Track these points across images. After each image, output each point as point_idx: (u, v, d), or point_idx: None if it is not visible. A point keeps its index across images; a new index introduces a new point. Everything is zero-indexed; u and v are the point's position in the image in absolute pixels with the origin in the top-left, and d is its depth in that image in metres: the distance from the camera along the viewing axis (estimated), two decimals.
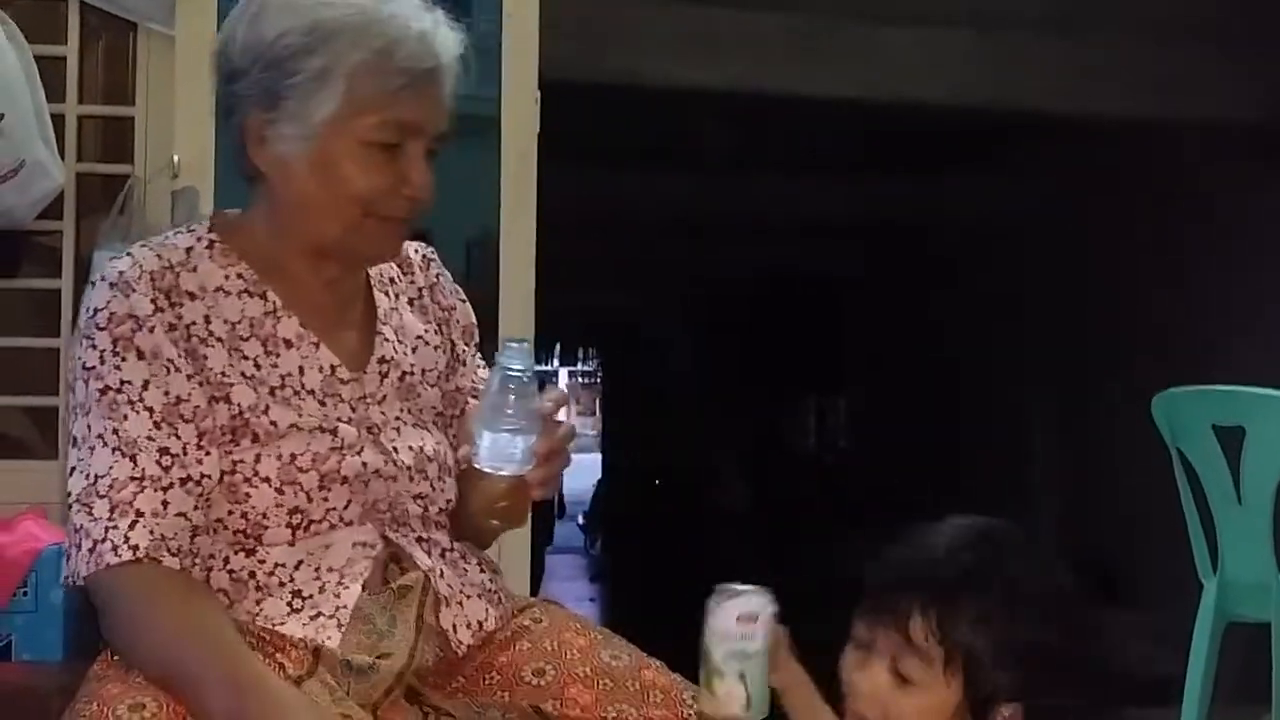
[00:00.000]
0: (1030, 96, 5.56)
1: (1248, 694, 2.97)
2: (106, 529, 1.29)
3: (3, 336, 2.61)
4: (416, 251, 1.58)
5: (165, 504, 1.31)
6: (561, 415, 1.39)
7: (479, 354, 1.62)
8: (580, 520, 12.84)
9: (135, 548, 1.29)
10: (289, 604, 1.35)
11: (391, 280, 1.54)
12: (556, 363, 19.31)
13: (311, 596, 1.35)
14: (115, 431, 1.31)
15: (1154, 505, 3.27)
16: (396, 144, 1.37)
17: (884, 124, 6.37)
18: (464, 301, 1.61)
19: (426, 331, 1.54)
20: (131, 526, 1.29)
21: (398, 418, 1.46)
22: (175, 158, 2.53)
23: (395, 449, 1.44)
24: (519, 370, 1.31)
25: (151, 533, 1.29)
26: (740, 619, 1.29)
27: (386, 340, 1.49)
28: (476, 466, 1.34)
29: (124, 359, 1.33)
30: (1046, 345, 7.79)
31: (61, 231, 2.58)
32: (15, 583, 2.26)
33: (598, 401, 21.51)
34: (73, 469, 1.33)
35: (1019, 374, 8.05)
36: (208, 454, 1.35)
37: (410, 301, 1.55)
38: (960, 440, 8.84)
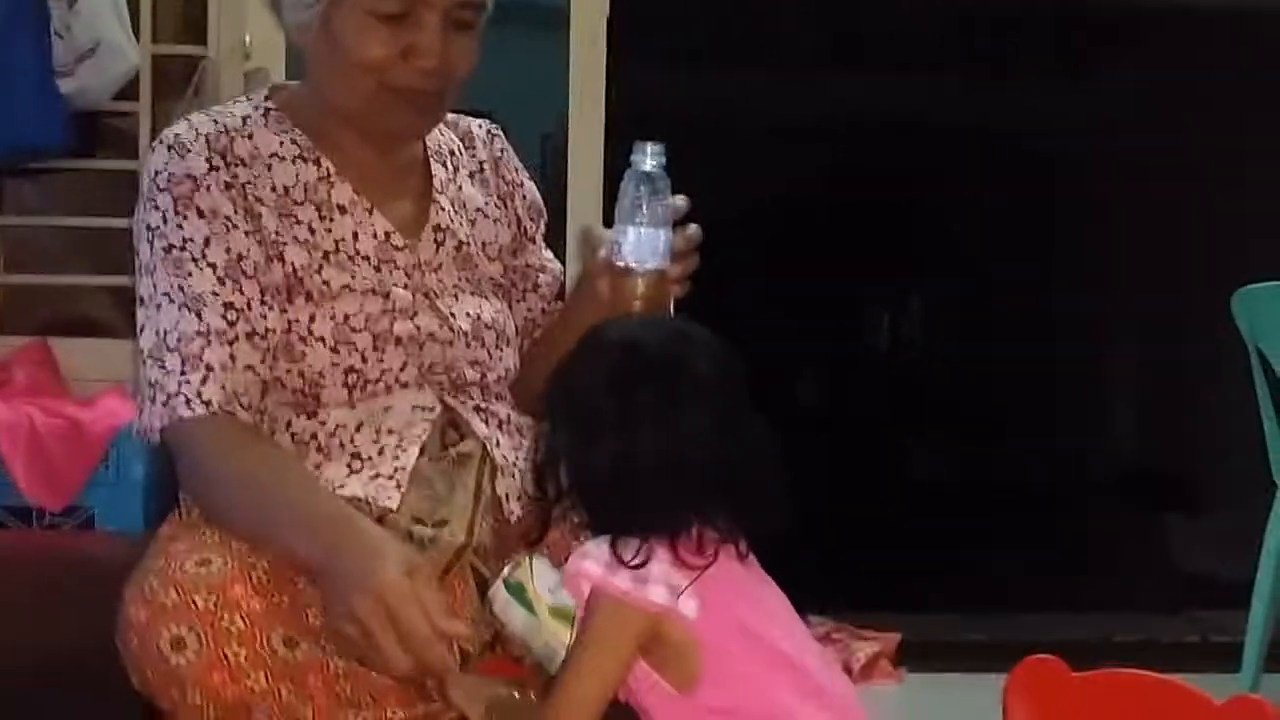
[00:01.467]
0: None
1: None
2: (180, 383, 1.31)
3: (81, 217, 2.66)
4: (480, 126, 1.59)
5: (233, 358, 1.33)
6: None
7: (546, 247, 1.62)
8: None
9: (208, 402, 1.31)
10: (348, 465, 1.37)
11: (451, 153, 1.54)
12: None
13: (370, 458, 1.37)
14: (180, 288, 1.34)
15: (1232, 407, 3.22)
16: (403, 14, 1.36)
17: (970, 21, 6.22)
18: (530, 180, 1.60)
19: (487, 205, 1.54)
20: (204, 381, 1.32)
21: (455, 285, 1.47)
22: (247, 38, 2.54)
23: (453, 314, 1.45)
24: (654, 165, 1.33)
25: (223, 387, 1.32)
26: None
27: (442, 210, 1.49)
28: (620, 264, 1.34)
29: (185, 217, 1.35)
30: (1127, 246, 7.64)
31: (138, 114, 2.61)
32: (97, 457, 2.33)
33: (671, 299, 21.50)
34: (142, 327, 1.36)
35: (1097, 277, 7.92)
36: (271, 309, 1.37)
37: (471, 175, 1.55)
38: (1034, 344, 8.73)
